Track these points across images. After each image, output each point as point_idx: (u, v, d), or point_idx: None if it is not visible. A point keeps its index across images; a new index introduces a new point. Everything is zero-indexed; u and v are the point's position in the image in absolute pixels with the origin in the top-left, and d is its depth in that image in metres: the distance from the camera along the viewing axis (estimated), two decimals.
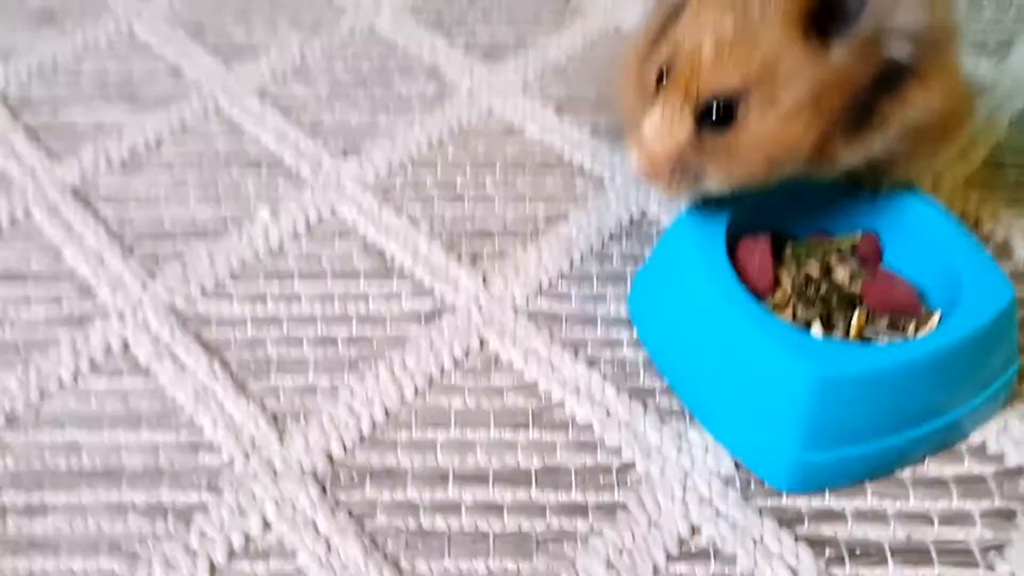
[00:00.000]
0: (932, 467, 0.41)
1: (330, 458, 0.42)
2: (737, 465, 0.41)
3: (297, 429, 0.43)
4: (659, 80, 0.39)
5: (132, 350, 0.47)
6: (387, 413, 0.44)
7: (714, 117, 0.38)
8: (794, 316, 0.42)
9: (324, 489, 0.41)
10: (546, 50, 0.65)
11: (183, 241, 0.52)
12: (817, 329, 0.41)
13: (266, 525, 0.39)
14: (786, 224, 0.45)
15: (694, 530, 0.39)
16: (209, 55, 0.65)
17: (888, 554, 0.38)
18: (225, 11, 0.70)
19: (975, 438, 0.42)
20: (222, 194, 0.55)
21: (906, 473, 0.41)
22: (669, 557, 0.38)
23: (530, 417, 0.44)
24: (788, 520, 0.39)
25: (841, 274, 0.43)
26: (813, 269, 0.44)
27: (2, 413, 0.44)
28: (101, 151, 0.58)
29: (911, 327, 0.41)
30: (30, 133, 0.59)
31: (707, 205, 0.43)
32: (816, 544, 0.38)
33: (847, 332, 0.41)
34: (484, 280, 0.50)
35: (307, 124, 0.60)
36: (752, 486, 0.40)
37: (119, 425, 0.43)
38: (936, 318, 0.41)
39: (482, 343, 0.47)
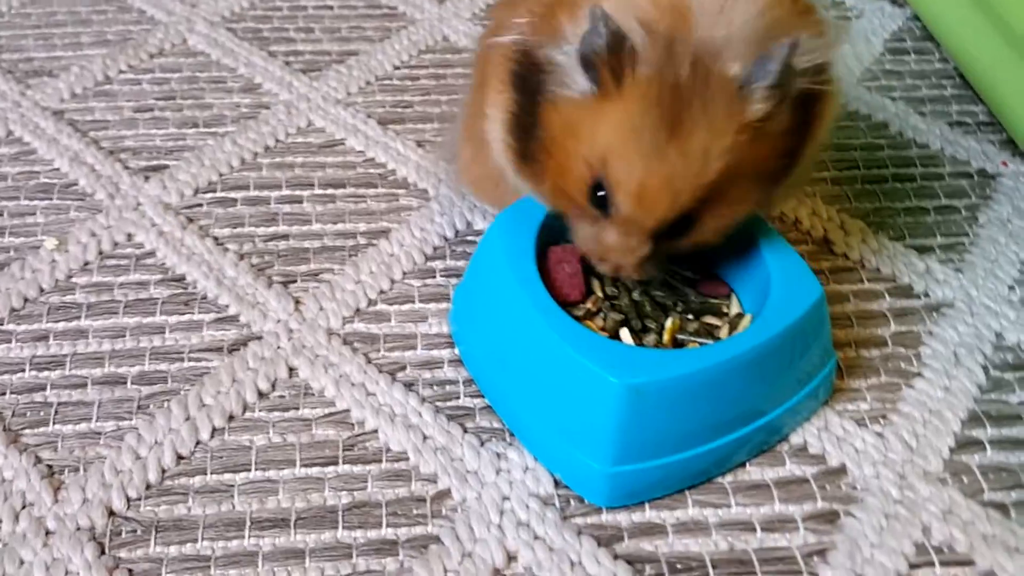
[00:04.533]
0: (754, 471, 0.40)
1: (111, 512, 0.38)
2: (557, 483, 0.39)
3: (75, 482, 0.38)
4: (595, 191, 0.36)
5: None
6: (179, 458, 0.40)
7: (670, 232, 0.36)
8: (605, 324, 0.40)
9: (103, 548, 0.36)
10: (370, 61, 0.62)
11: None
12: (627, 336, 0.39)
13: None
14: None
15: (510, 557, 0.37)
16: (2, 76, 0.60)
17: (710, 567, 0.37)
18: (26, 30, 0.64)
19: (796, 438, 0.41)
20: (6, 225, 0.50)
21: (727, 479, 0.39)
22: None
23: (340, 450, 0.40)
24: (607, 539, 0.37)
25: None
26: None
27: None
28: None
29: (723, 331, 0.40)
30: None
31: (519, 215, 0.42)
32: (636, 562, 0.37)
33: (660, 338, 0.40)
34: (296, 304, 0.46)
35: (106, 144, 0.55)
36: (572, 504, 0.38)
37: None
38: (748, 321, 0.40)
39: (291, 372, 0.43)
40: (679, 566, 0.37)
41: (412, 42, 0.65)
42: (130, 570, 0.36)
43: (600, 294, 0.41)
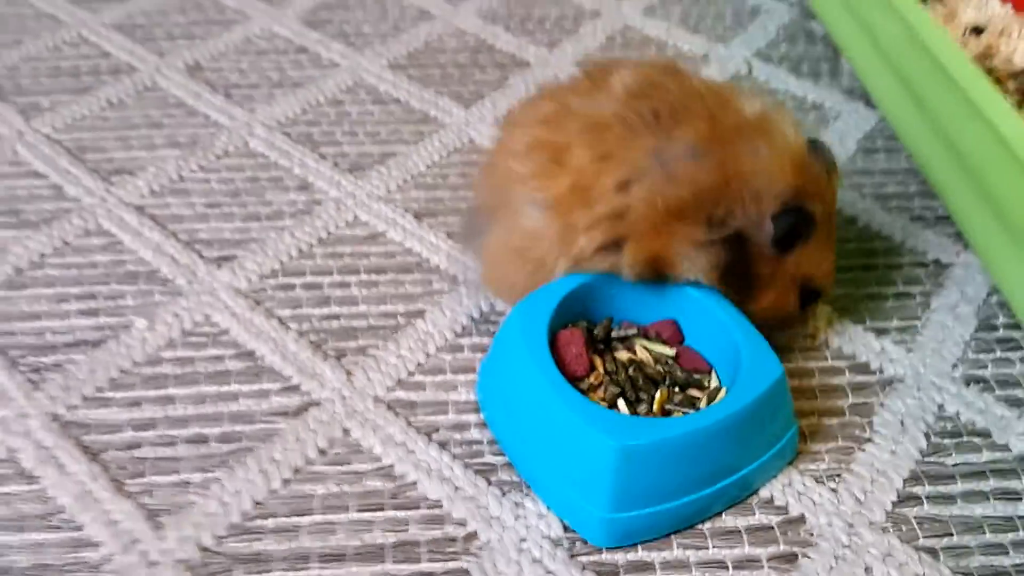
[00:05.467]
0: (728, 519, 0.48)
1: (202, 548, 0.46)
2: (565, 528, 0.47)
3: (171, 523, 0.47)
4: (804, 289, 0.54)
5: (17, 457, 0.50)
6: (256, 503, 0.48)
7: None
8: (605, 396, 0.49)
9: None
10: (407, 162, 0.72)
11: (64, 353, 0.56)
12: (623, 406, 0.48)
13: None
14: (600, 316, 0.52)
15: None
16: (89, 175, 0.70)
17: None
18: (105, 132, 0.75)
19: (764, 492, 0.49)
20: (101, 307, 0.59)
21: (706, 525, 0.48)
22: None
23: (387, 498, 0.49)
24: (606, 573, 0.45)
25: (644, 356, 0.51)
26: (622, 354, 0.51)
27: None
28: None
29: (703, 402, 0.49)
30: None
31: (533, 305, 0.51)
32: None
33: (651, 408, 0.48)
34: (348, 375, 0.55)
35: (183, 236, 0.65)
36: (577, 546, 0.47)
37: (6, 528, 0.47)
38: (723, 394, 0.49)
39: (345, 432, 0.52)
40: None
41: (442, 144, 0.75)
42: None
43: (601, 371, 0.50)
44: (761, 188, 0.48)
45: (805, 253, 0.51)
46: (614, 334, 0.52)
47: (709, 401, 0.49)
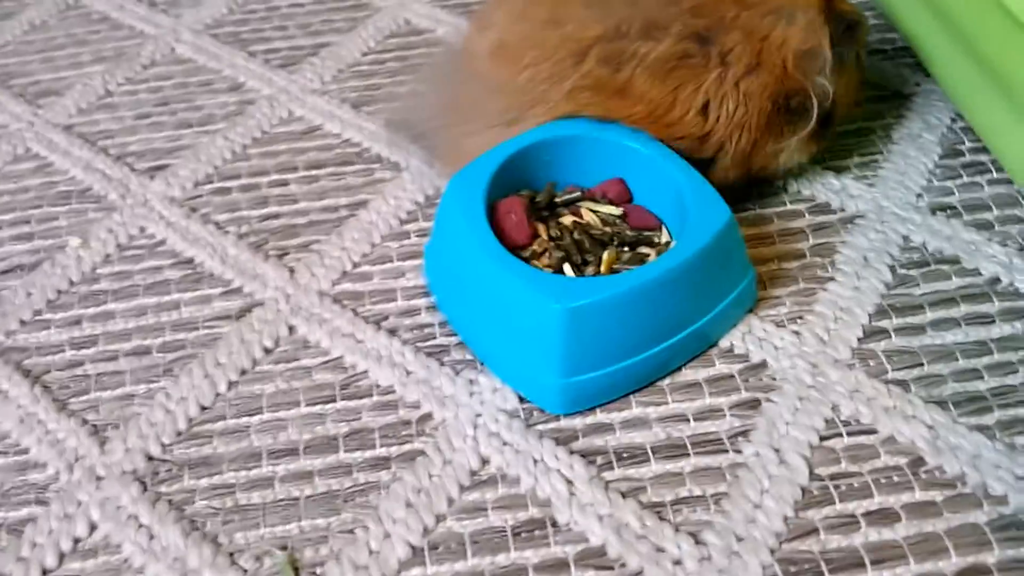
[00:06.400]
0: (687, 373, 0.46)
1: (149, 457, 0.45)
2: (521, 399, 0.46)
3: (117, 436, 0.46)
4: None
5: None
6: (202, 408, 0.47)
7: None
8: (551, 262, 0.46)
9: (145, 486, 0.44)
10: (341, 51, 0.69)
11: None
12: (568, 270, 0.46)
13: (92, 527, 0.42)
14: (543, 184, 0.50)
15: (484, 461, 0.44)
16: (15, 100, 0.67)
17: (651, 453, 0.43)
18: (30, 56, 0.71)
19: (724, 343, 0.47)
20: (35, 231, 0.57)
21: (665, 381, 0.46)
22: (462, 488, 0.43)
23: (337, 389, 0.47)
24: (564, 439, 0.44)
25: (591, 219, 0.48)
26: (567, 219, 0.49)
27: None
28: None
29: (652, 259, 0.47)
30: None
31: (468, 177, 0.48)
32: (589, 455, 0.43)
33: (598, 270, 0.46)
34: (291, 273, 0.53)
35: (113, 151, 0.62)
36: (534, 415, 0.45)
37: None
38: (674, 246, 0.47)
39: (291, 330, 0.50)
40: (625, 455, 0.43)
41: (377, 28, 0.71)
42: (169, 501, 0.43)
43: (545, 236, 0.48)
44: (810, 45, 0.50)
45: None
46: (558, 199, 0.50)
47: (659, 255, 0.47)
